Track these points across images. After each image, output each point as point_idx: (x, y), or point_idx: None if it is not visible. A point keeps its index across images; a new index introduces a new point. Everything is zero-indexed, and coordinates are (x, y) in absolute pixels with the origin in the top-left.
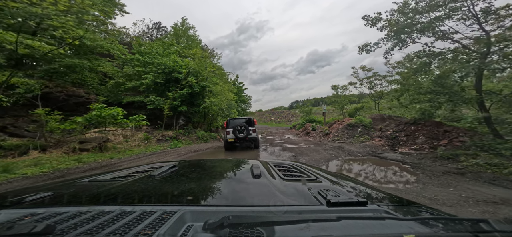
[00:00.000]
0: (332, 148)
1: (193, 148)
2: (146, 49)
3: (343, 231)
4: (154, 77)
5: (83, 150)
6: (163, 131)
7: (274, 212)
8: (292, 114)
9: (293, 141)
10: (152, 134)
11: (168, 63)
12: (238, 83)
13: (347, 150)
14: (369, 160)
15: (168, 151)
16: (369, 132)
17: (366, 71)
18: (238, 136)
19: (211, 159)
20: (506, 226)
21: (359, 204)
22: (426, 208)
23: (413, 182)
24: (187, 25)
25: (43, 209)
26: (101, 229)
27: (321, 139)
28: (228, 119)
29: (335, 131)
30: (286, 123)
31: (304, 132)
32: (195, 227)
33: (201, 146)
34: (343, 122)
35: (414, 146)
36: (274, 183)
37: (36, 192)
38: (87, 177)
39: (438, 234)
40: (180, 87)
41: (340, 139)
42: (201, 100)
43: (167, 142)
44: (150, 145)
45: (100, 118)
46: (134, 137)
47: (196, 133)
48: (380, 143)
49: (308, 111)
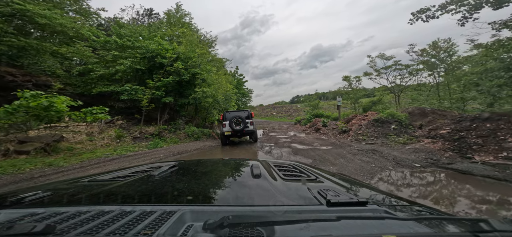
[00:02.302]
0: (362, 151)
1: (177, 149)
2: (126, 32)
3: (343, 231)
4: (132, 63)
5: (21, 153)
6: (143, 127)
7: (274, 212)
8: (294, 108)
9: (303, 139)
10: (129, 130)
11: (151, 47)
12: (238, 75)
13: (389, 156)
14: (437, 172)
15: (142, 153)
16: (408, 131)
17: (385, 60)
18: (234, 129)
19: (211, 159)
20: (506, 226)
21: (359, 204)
22: (426, 208)
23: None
24: (183, 12)
25: (43, 209)
26: (101, 229)
27: (337, 137)
28: (224, 112)
29: (356, 128)
30: (288, 118)
31: (312, 129)
32: (195, 227)
33: (189, 146)
34: (365, 117)
35: (503, 153)
36: (274, 183)
37: (35, 192)
38: (87, 177)
39: (438, 234)
40: (164, 74)
41: (367, 138)
42: (191, 90)
43: (147, 140)
44: (122, 145)
45: (29, 109)
46: (103, 135)
47: (185, 129)
48: (435, 146)
49: (314, 104)
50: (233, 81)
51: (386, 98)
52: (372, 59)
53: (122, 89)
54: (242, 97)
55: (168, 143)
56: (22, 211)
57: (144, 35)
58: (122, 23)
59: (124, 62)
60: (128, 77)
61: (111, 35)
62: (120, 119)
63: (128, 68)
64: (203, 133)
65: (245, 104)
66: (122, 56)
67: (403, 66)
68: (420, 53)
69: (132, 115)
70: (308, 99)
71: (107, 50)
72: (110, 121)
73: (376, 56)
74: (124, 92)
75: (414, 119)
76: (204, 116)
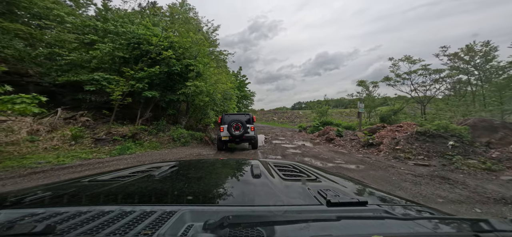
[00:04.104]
0: (421, 177)
1: (151, 157)
2: (114, 16)
3: (343, 231)
4: (112, 49)
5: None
6: (114, 126)
7: (274, 212)
8: (295, 115)
9: (316, 152)
10: (95, 130)
11: (139, 31)
12: (240, 77)
13: (485, 191)
14: None
15: (96, 162)
16: (475, 150)
17: (410, 64)
18: (233, 134)
19: (211, 159)
20: (506, 225)
21: (359, 204)
22: (426, 208)
23: None
24: (187, 6)
25: (43, 209)
26: (101, 229)
27: (362, 152)
28: (223, 114)
29: (390, 141)
30: (290, 124)
31: (323, 138)
32: (195, 227)
33: (171, 153)
34: (399, 128)
35: None
36: (274, 183)
37: (35, 192)
38: (87, 177)
39: (438, 234)
40: (148, 62)
41: (414, 157)
42: (183, 84)
43: (115, 143)
44: (76, 149)
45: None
46: (53, 135)
47: (171, 131)
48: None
49: (323, 111)
50: (235, 82)
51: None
52: (395, 62)
53: (89, 78)
54: (244, 100)
55: (144, 148)
56: (22, 211)
57: (135, 22)
58: (109, 6)
59: (101, 46)
60: (107, 66)
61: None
62: (85, 115)
63: (106, 55)
64: (193, 137)
65: (247, 107)
66: (103, 42)
67: (432, 71)
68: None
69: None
70: (316, 105)
71: (85, 34)
72: (72, 117)
73: (400, 59)
74: (92, 82)
75: (477, 134)
76: (200, 118)
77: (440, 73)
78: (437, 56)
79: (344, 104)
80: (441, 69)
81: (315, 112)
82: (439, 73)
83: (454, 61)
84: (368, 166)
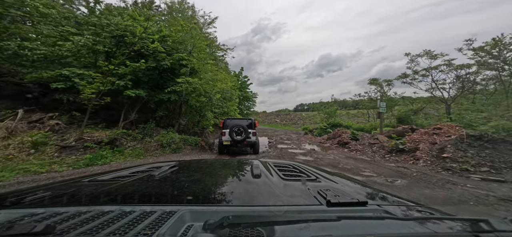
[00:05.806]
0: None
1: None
2: (102, 10)
3: (343, 231)
4: (92, 42)
5: None
6: (88, 130)
7: (274, 212)
8: (298, 116)
9: (332, 160)
10: (65, 134)
11: (122, 23)
12: (242, 77)
13: None
14: None
15: (51, 177)
16: None
17: (431, 59)
18: (235, 139)
19: (211, 159)
20: (506, 225)
21: (359, 204)
22: (426, 208)
23: None
24: (186, 5)
25: (43, 209)
26: (101, 229)
27: (391, 159)
28: (225, 118)
29: (428, 148)
30: (293, 126)
31: (334, 142)
32: (195, 227)
33: (156, 161)
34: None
35: None
36: (274, 183)
37: (35, 192)
38: (87, 177)
39: (438, 234)
40: (128, 54)
41: (473, 169)
42: (174, 82)
43: (87, 151)
44: (34, 159)
45: None
46: (9, 142)
47: (160, 136)
48: None
49: (331, 112)
50: (236, 82)
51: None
52: (413, 57)
53: (56, 74)
54: (246, 101)
55: (124, 157)
56: (22, 211)
57: (124, 16)
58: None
59: (75, 38)
60: (88, 62)
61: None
62: (56, 118)
63: (84, 48)
64: (187, 142)
65: (248, 109)
66: (82, 34)
67: (457, 66)
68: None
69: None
70: (322, 106)
71: (62, 27)
72: (38, 120)
73: (418, 55)
74: (59, 79)
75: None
76: (197, 120)
77: (468, 68)
78: (459, 50)
79: (348, 105)
80: (469, 64)
81: (321, 113)
82: (466, 68)
83: (480, 55)
84: (413, 181)
